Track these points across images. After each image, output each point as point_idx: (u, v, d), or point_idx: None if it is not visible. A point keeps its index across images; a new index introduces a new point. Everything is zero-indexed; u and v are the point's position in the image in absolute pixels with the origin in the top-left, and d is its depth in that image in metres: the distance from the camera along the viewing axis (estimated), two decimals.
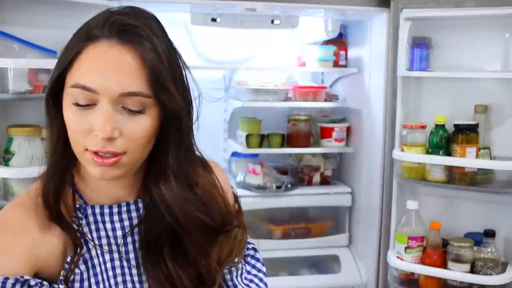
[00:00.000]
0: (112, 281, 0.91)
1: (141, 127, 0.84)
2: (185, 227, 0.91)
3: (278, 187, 2.54)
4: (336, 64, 2.63)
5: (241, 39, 2.66)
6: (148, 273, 0.92)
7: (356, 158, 2.63)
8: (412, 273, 2.18)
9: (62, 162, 0.90)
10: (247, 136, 2.49)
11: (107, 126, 0.81)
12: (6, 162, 1.73)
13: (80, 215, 0.91)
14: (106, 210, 0.92)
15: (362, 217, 2.57)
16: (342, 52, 2.64)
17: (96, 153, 0.83)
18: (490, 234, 2.03)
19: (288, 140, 2.59)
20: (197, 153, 0.97)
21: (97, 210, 0.92)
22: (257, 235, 2.51)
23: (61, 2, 1.80)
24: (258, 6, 2.18)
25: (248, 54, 2.74)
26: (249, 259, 1.07)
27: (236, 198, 1.08)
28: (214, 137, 2.72)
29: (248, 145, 2.50)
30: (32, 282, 0.84)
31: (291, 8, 2.27)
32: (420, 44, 2.18)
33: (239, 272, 1.02)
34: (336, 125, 2.61)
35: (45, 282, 0.86)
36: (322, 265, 2.65)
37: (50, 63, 1.75)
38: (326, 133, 2.61)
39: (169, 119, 0.87)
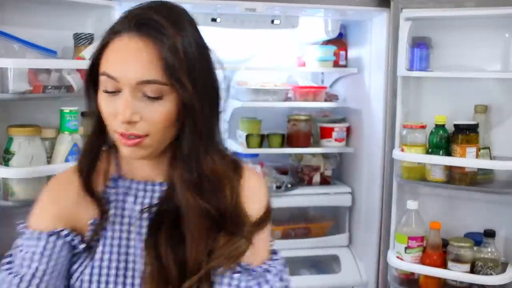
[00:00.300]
0: (123, 249, 1.01)
1: (159, 112, 0.92)
2: (184, 209, 0.97)
3: (278, 187, 2.54)
4: (336, 64, 2.62)
5: (241, 39, 2.65)
6: (144, 242, 0.99)
7: (356, 158, 2.63)
8: (412, 273, 2.18)
9: (96, 142, 1.02)
10: (247, 136, 2.49)
11: (126, 111, 0.91)
12: (6, 162, 1.73)
13: (112, 184, 1.04)
14: (134, 185, 1.04)
15: (362, 217, 2.56)
16: (342, 52, 2.64)
17: (122, 134, 0.93)
18: (490, 234, 2.03)
19: (288, 140, 2.59)
20: (221, 147, 1.03)
21: (127, 184, 1.04)
22: None
23: (61, 2, 1.79)
24: (258, 6, 2.18)
25: (248, 54, 2.73)
26: (261, 279, 0.98)
27: (266, 213, 1.04)
28: None
29: (248, 145, 2.50)
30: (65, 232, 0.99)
31: (291, 8, 2.27)
32: (420, 44, 2.18)
33: (227, 280, 0.96)
34: (336, 125, 2.61)
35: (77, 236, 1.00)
36: (322, 265, 2.65)
37: (50, 63, 1.76)
38: (326, 133, 2.61)
39: (185, 108, 0.94)
